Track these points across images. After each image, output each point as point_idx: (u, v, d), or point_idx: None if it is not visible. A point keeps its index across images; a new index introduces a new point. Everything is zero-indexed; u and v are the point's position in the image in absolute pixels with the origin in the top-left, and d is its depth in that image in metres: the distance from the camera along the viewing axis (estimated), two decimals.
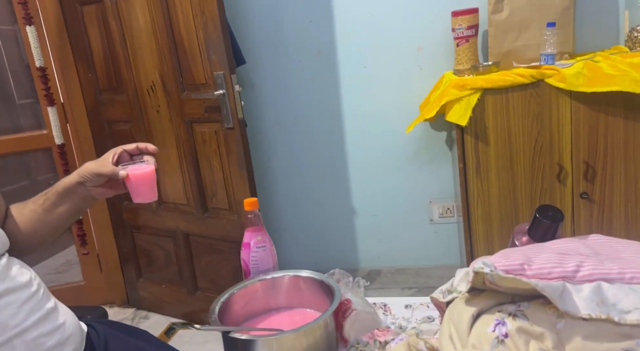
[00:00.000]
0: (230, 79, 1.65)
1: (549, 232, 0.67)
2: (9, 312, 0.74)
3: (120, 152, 0.89)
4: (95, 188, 0.88)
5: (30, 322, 0.75)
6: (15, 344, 0.73)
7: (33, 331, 0.75)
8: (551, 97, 1.54)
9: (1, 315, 0.72)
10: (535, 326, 0.52)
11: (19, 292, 0.76)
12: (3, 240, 0.78)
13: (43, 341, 0.76)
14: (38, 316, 0.77)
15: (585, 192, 1.58)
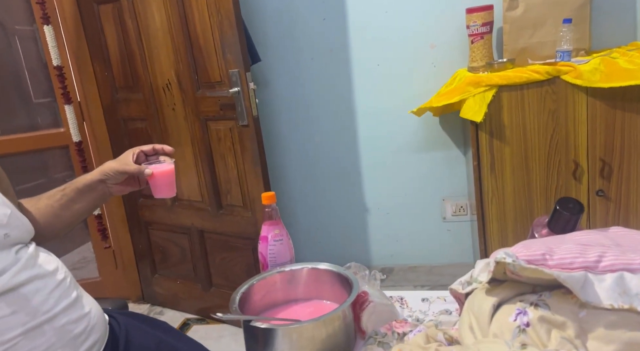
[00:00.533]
0: (245, 76, 1.66)
1: (569, 224, 0.67)
2: (39, 298, 0.75)
3: (138, 152, 0.95)
4: (115, 186, 0.95)
5: (59, 309, 0.77)
6: (46, 330, 0.75)
7: (62, 317, 0.77)
8: (567, 94, 1.53)
9: (32, 301, 0.74)
10: (557, 316, 0.52)
11: (48, 279, 0.78)
12: (28, 229, 0.80)
13: (71, 328, 0.78)
14: (66, 303, 0.79)
15: (602, 189, 1.57)
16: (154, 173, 0.93)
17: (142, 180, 0.97)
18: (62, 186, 0.93)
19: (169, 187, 0.95)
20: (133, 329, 0.93)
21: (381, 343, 0.75)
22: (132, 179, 0.96)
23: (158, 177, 0.93)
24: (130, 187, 0.97)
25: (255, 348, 0.75)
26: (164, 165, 0.95)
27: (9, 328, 0.70)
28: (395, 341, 0.75)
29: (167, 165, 0.95)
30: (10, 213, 0.77)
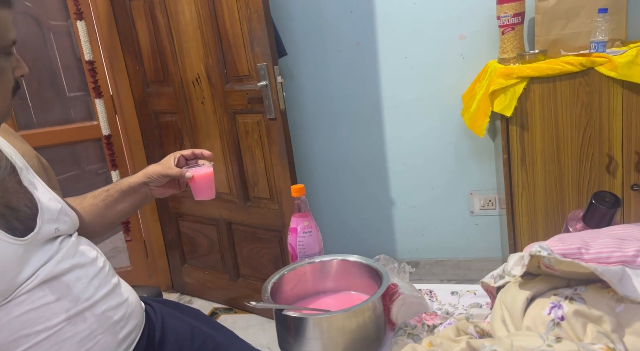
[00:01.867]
0: (272, 70, 1.68)
1: (605, 218, 0.66)
2: (80, 286, 0.78)
3: (179, 156, 0.99)
4: (157, 188, 0.99)
5: (99, 296, 0.80)
6: (87, 316, 0.78)
7: (102, 304, 0.80)
8: (601, 86, 1.49)
9: (73, 288, 0.77)
10: (593, 310, 0.52)
11: (88, 267, 0.81)
12: (75, 222, 0.83)
13: (110, 314, 0.81)
14: (105, 290, 0.82)
15: (637, 183, 1.53)
16: (194, 176, 0.97)
17: (182, 183, 1.00)
18: (106, 187, 0.98)
19: (208, 189, 0.99)
20: (168, 316, 0.96)
21: (411, 334, 0.76)
22: (173, 182, 1.00)
23: (198, 180, 0.97)
24: (171, 190, 1.01)
25: (286, 337, 0.77)
26: (203, 168, 0.99)
27: (54, 314, 0.73)
28: (425, 334, 0.76)
29: (206, 168, 0.99)
30: (60, 209, 0.80)
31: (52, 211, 0.78)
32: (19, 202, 0.74)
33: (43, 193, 0.79)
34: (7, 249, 0.68)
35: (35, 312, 0.71)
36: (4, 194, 0.73)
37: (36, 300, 0.71)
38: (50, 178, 0.92)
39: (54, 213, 0.78)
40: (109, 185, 0.98)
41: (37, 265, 0.72)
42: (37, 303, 0.71)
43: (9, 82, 0.71)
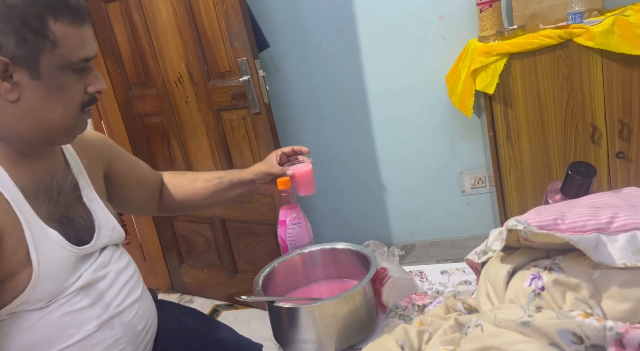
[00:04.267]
0: (253, 64, 1.67)
1: (582, 188, 0.67)
2: (112, 293, 0.80)
3: (280, 154, 1.04)
4: (263, 185, 1.05)
5: (128, 303, 0.82)
6: (115, 323, 0.79)
7: (129, 312, 0.82)
8: (581, 57, 1.50)
9: (106, 295, 0.79)
10: (571, 278, 0.53)
11: (120, 275, 0.83)
12: (121, 235, 0.87)
13: (135, 323, 0.82)
14: (134, 298, 0.84)
15: (622, 151, 1.54)
16: (294, 173, 1.01)
17: None
18: (218, 174, 1.05)
19: (309, 185, 1.02)
20: (167, 318, 0.96)
21: (402, 316, 0.78)
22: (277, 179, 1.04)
23: (298, 177, 1.01)
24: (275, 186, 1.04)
25: (280, 328, 0.78)
26: (303, 166, 1.03)
27: (87, 319, 0.76)
28: (416, 314, 0.77)
29: (306, 165, 1.03)
30: (113, 226, 0.85)
31: (106, 228, 0.83)
32: (76, 214, 0.79)
33: (100, 210, 0.83)
34: (64, 255, 0.73)
35: (70, 316, 0.74)
36: (65, 206, 0.78)
37: (73, 304, 0.74)
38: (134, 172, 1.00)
39: (108, 230, 0.83)
40: (221, 173, 1.05)
41: (81, 271, 0.77)
42: (73, 307, 0.74)
43: (76, 97, 0.73)
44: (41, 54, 0.67)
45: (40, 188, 0.74)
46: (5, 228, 0.68)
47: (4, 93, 0.67)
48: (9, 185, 0.70)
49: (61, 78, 0.70)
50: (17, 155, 0.73)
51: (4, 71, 0.66)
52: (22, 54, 0.66)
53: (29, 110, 0.69)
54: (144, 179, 1.02)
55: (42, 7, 0.66)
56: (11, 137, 0.72)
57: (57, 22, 0.67)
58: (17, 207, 0.69)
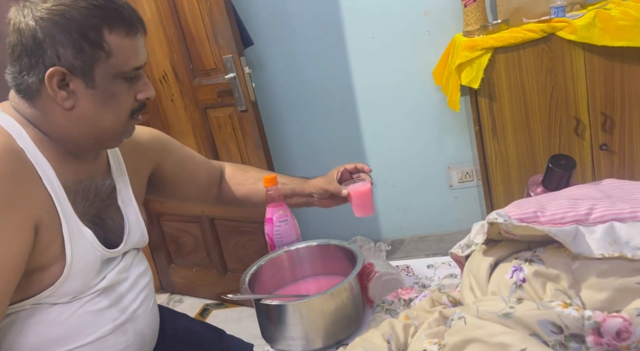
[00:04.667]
0: (239, 61, 1.67)
1: (562, 180, 0.68)
2: (130, 297, 0.81)
3: (342, 170, 1.02)
4: (320, 200, 1.04)
5: (142, 310, 0.83)
6: (128, 329, 0.80)
7: (142, 319, 0.83)
8: (564, 50, 1.51)
9: (124, 299, 0.80)
10: (551, 269, 0.54)
11: (139, 280, 0.84)
12: (145, 239, 0.88)
13: (145, 331, 0.83)
14: (147, 306, 0.85)
15: (605, 143, 1.57)
16: (350, 193, 0.97)
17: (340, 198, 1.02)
18: (282, 178, 1.04)
19: (365, 206, 0.98)
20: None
21: (389, 310, 0.78)
22: (336, 196, 1.02)
23: (355, 197, 0.98)
24: (334, 203, 1.04)
25: (267, 326, 0.78)
26: (361, 185, 0.98)
27: (104, 321, 0.77)
28: (402, 308, 0.78)
29: (364, 185, 0.98)
30: (141, 232, 0.86)
31: (135, 233, 0.85)
32: (108, 216, 0.81)
33: (133, 214, 0.85)
34: (95, 255, 0.76)
35: (90, 315, 0.75)
36: (100, 207, 0.80)
37: (94, 304, 0.76)
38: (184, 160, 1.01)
39: (136, 235, 0.85)
40: (285, 178, 1.05)
41: (106, 272, 0.79)
42: (94, 307, 0.76)
43: (126, 105, 0.75)
44: (96, 64, 0.70)
45: (80, 188, 0.76)
46: (44, 220, 0.69)
47: (60, 101, 0.70)
48: (53, 181, 0.72)
49: (114, 86, 0.72)
50: (65, 154, 0.75)
51: (61, 80, 0.69)
52: (79, 64, 0.69)
53: (82, 117, 0.72)
54: (197, 175, 1.03)
55: (98, 19, 0.68)
56: (63, 138, 0.74)
57: (112, 33, 0.70)
58: (58, 202, 0.71)
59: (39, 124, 0.73)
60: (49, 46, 0.67)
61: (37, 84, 0.69)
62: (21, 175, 0.67)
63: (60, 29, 0.67)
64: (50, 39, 0.67)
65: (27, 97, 0.71)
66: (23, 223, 0.66)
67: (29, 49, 0.68)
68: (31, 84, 0.69)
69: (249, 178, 1.07)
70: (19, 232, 0.65)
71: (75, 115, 0.72)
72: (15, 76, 0.70)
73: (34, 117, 0.72)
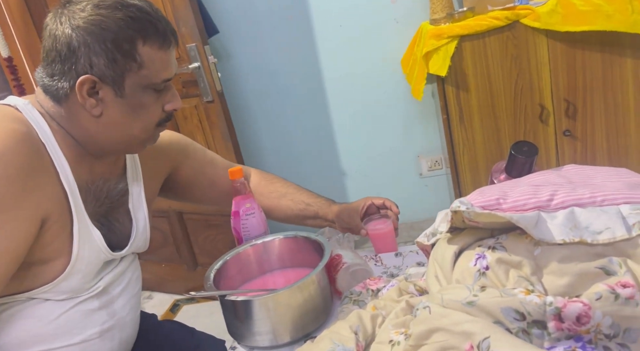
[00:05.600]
0: (203, 50, 1.62)
1: (525, 167, 0.68)
2: (121, 302, 0.80)
3: (370, 204, 1.00)
4: (341, 228, 1.03)
5: (130, 318, 0.82)
6: (115, 336, 0.79)
7: (129, 328, 0.82)
8: (527, 38, 1.53)
9: (115, 303, 0.79)
10: (513, 256, 0.54)
11: (131, 286, 0.83)
12: (147, 244, 0.88)
13: (130, 341, 0.83)
14: (135, 314, 0.84)
15: (568, 129, 1.60)
16: (370, 233, 0.96)
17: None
18: (306, 197, 1.04)
19: (386, 245, 0.97)
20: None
21: (356, 301, 0.77)
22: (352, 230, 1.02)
23: (374, 237, 0.97)
24: (353, 232, 1.03)
25: (233, 322, 0.76)
26: (384, 225, 0.97)
27: (93, 323, 0.76)
28: (370, 298, 0.77)
29: (387, 226, 0.96)
30: (145, 238, 0.87)
31: (140, 238, 0.85)
32: (116, 219, 0.81)
33: (142, 220, 0.85)
34: (99, 256, 0.76)
35: (80, 315, 0.75)
36: (109, 209, 0.80)
37: (86, 304, 0.76)
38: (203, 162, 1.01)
39: (141, 240, 0.85)
40: (310, 199, 1.04)
41: (104, 274, 0.79)
42: (85, 307, 0.75)
43: (154, 115, 0.76)
44: (127, 75, 0.71)
45: (92, 188, 0.77)
46: (53, 214, 0.69)
47: (89, 108, 0.71)
48: (69, 178, 0.72)
49: (143, 97, 0.73)
50: (83, 154, 0.76)
51: (92, 88, 0.70)
52: (110, 73, 0.70)
53: (110, 125, 0.73)
54: (217, 180, 1.02)
55: (133, 30, 0.69)
56: (87, 141, 0.75)
57: (146, 45, 0.70)
58: (72, 199, 0.72)
59: (62, 123, 0.73)
60: (82, 54, 0.68)
61: (67, 89, 0.70)
62: (36, 167, 0.67)
63: (95, 39, 0.68)
64: (84, 47, 0.68)
65: (54, 99, 0.72)
66: (31, 214, 0.66)
67: (63, 55, 0.68)
68: (61, 88, 0.70)
69: (273, 191, 1.07)
70: (26, 223, 0.65)
71: (103, 122, 0.73)
72: (46, 78, 0.71)
73: (58, 115, 0.73)
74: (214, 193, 1.04)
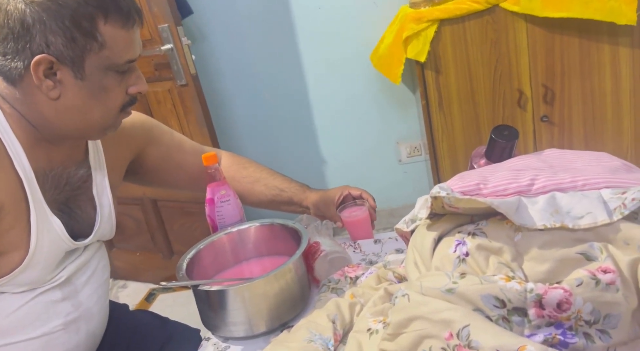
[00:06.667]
0: (176, 31, 1.56)
1: (505, 151, 0.67)
2: (86, 292, 0.77)
3: (346, 194, 0.98)
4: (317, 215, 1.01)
5: (97, 308, 0.79)
6: (81, 327, 0.76)
7: (97, 319, 0.79)
8: (507, 22, 1.52)
9: (80, 293, 0.76)
10: (493, 242, 0.52)
11: (97, 275, 0.80)
12: (112, 231, 0.84)
13: (97, 333, 0.80)
14: (102, 304, 0.81)
15: (546, 114, 1.61)
16: (344, 222, 0.95)
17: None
18: (280, 183, 1.01)
19: (362, 232, 0.96)
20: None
21: (335, 289, 0.76)
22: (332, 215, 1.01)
23: (349, 224, 0.96)
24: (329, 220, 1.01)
25: (207, 312, 0.74)
26: (359, 212, 0.96)
27: (56, 315, 0.73)
28: (349, 286, 0.76)
29: (362, 213, 0.96)
30: (112, 224, 0.83)
31: (106, 225, 0.81)
32: (78, 206, 0.77)
33: (107, 206, 0.81)
34: (61, 246, 0.72)
35: (42, 307, 0.72)
36: (70, 196, 0.76)
37: (47, 296, 0.72)
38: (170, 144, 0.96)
39: (106, 227, 0.81)
40: (283, 184, 1.01)
41: (66, 264, 0.75)
42: (47, 298, 0.72)
43: (117, 99, 0.72)
44: (87, 55, 0.66)
45: (50, 175, 0.73)
46: (6, 204, 0.66)
47: (46, 90, 0.67)
48: (25, 166, 0.68)
49: (104, 79, 0.69)
50: (40, 139, 0.71)
51: (49, 69, 0.65)
52: (69, 53, 0.65)
53: (68, 108, 0.69)
54: (184, 164, 0.98)
55: (94, 7, 0.64)
56: (43, 125, 0.70)
57: (107, 23, 0.66)
58: (29, 188, 0.68)
59: (16, 105, 0.69)
60: (38, 32, 0.63)
61: (22, 70, 0.65)
62: None
63: (52, 16, 0.63)
64: (40, 24, 0.63)
65: (8, 80, 0.67)
66: None
67: (16, 32, 0.63)
68: (15, 68, 0.65)
69: (246, 176, 1.03)
70: None
71: (61, 106, 0.68)
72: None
73: (12, 97, 0.68)
74: (181, 177, 1.00)
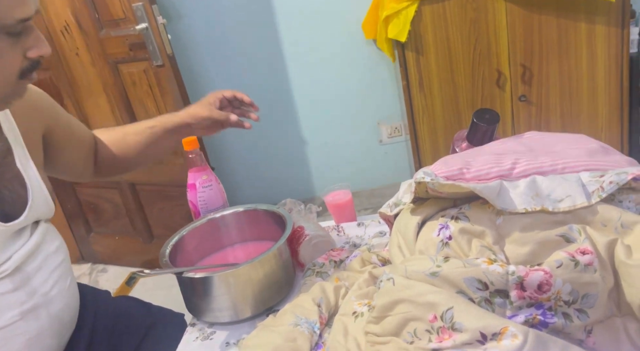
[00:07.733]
0: (151, 9, 1.51)
1: (486, 135, 0.67)
2: (40, 278, 0.72)
3: (221, 97, 0.95)
4: (200, 129, 0.96)
5: (56, 291, 0.74)
6: (41, 314, 0.71)
7: (58, 302, 0.74)
8: (487, 2, 1.52)
9: (33, 279, 0.71)
10: (476, 226, 0.53)
11: (50, 258, 0.75)
12: (50, 207, 0.77)
13: (62, 315, 0.75)
14: (62, 286, 0.75)
15: (524, 94, 1.63)
16: (329, 205, 0.94)
17: (225, 124, 0.96)
18: (149, 123, 0.94)
19: (347, 215, 0.95)
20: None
21: (320, 273, 0.76)
22: (216, 123, 0.96)
23: (333, 208, 0.94)
24: (214, 130, 0.97)
25: (192, 299, 0.74)
26: (342, 195, 0.95)
27: (9, 306, 0.68)
28: (333, 270, 0.76)
29: (345, 195, 0.95)
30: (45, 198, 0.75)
31: (39, 200, 0.74)
32: (4, 185, 0.70)
33: (35, 179, 0.74)
34: None
35: None
36: None
37: None
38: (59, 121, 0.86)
39: (41, 202, 0.74)
40: (152, 122, 0.94)
41: (11, 251, 0.69)
42: None
43: (14, 64, 0.63)
44: None
45: None
46: None
47: None
48: None
49: None
50: None
51: None
52: None
53: None
54: (83, 140, 0.91)
55: None
56: None
57: None
58: None
59: None
60: None
61: None
62: None
63: None
64: None
65: None
66: None
67: None
68: None
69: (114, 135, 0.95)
70: None
71: None
72: None
73: None
74: (80, 154, 0.92)
